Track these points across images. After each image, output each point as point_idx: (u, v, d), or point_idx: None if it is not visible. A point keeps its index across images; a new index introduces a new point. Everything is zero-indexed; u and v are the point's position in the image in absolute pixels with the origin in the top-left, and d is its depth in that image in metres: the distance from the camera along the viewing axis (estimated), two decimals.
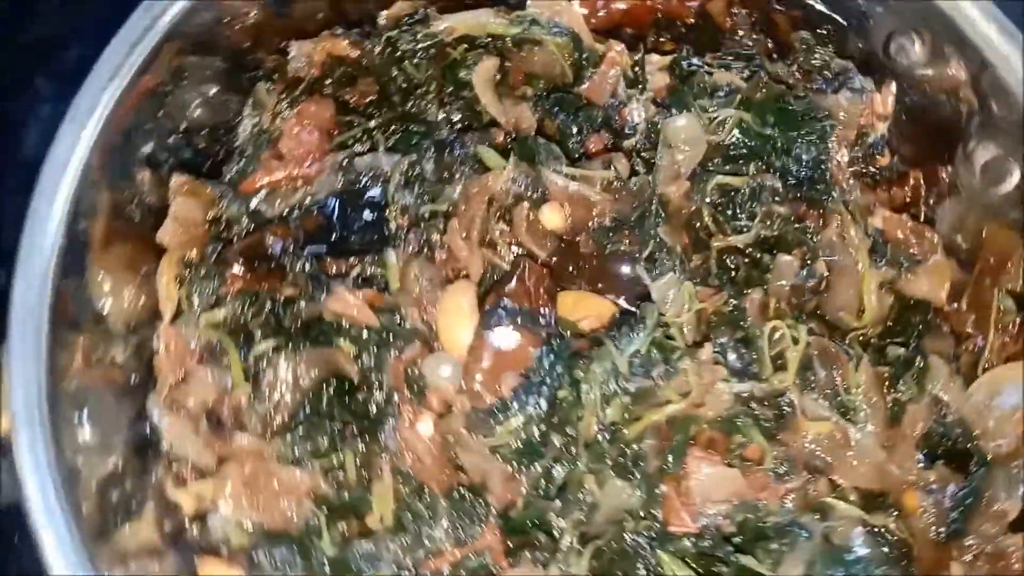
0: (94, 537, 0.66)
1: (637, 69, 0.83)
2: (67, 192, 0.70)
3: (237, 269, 0.73)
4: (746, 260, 0.79)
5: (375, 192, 0.77)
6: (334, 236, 0.76)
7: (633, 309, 0.73)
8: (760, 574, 0.69)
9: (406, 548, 0.70)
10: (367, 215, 0.77)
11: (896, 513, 0.73)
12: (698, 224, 0.80)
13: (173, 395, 0.72)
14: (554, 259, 0.76)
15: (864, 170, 0.84)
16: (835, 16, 0.86)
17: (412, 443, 0.70)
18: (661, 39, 0.90)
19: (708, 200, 0.79)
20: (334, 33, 0.81)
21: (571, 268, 0.76)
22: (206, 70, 0.80)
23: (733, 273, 0.79)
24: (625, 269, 0.76)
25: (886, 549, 0.72)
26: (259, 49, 0.83)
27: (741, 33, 0.88)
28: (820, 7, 0.86)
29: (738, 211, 0.79)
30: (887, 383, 0.77)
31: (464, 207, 0.75)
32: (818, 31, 0.86)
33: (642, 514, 0.70)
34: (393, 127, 0.81)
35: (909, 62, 0.85)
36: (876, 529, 0.72)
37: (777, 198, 0.79)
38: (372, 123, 0.81)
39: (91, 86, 0.71)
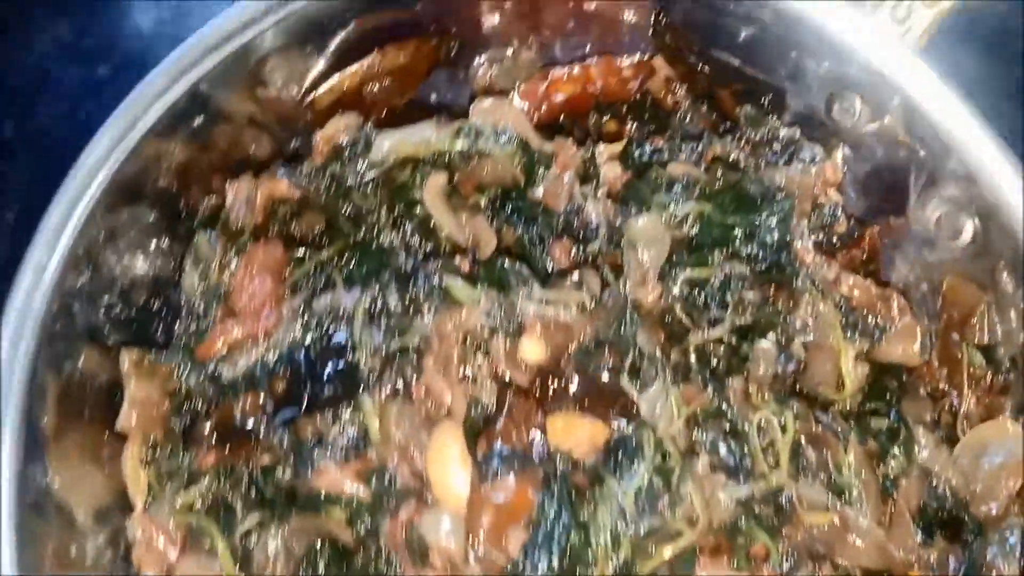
0: None
1: (589, 166, 0.81)
2: (18, 396, 0.65)
3: (208, 449, 0.68)
4: (723, 349, 0.78)
5: (341, 335, 0.74)
6: (305, 394, 0.72)
7: (627, 432, 0.71)
8: None
9: None
10: (336, 363, 0.73)
11: None
12: (671, 319, 0.79)
13: None
14: (538, 381, 0.74)
15: (823, 240, 0.84)
16: (773, 83, 0.85)
17: None
18: (604, 118, 0.88)
19: (677, 293, 0.78)
20: (273, 176, 0.76)
21: (555, 389, 0.74)
22: (139, 225, 0.75)
23: (713, 363, 0.78)
24: (610, 384, 0.74)
25: None
26: (191, 191, 0.78)
27: (684, 109, 0.87)
28: (759, 76, 0.85)
29: (709, 301, 0.78)
30: (876, 459, 0.78)
31: (438, 344, 0.72)
32: (761, 101, 0.85)
33: None
34: (347, 256, 0.77)
35: (853, 121, 0.85)
36: None
37: (746, 284, 0.79)
38: (324, 254, 0.77)
39: (23, 281, 0.66)
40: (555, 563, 0.65)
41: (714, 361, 0.78)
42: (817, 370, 0.80)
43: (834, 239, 0.85)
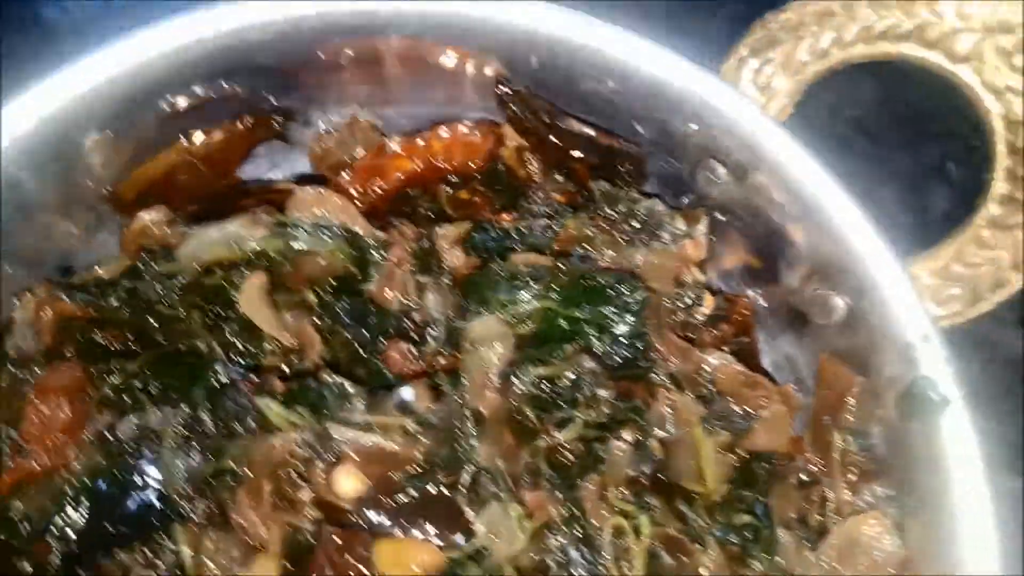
0: None
1: (430, 254, 0.74)
2: None
3: None
4: (576, 448, 0.73)
5: (149, 461, 0.67)
6: (110, 530, 0.66)
7: (463, 558, 0.66)
8: None
9: None
10: (143, 493, 0.67)
11: None
12: (519, 417, 0.73)
13: None
14: (363, 504, 0.68)
15: (687, 322, 0.78)
16: (631, 152, 0.78)
17: None
18: (454, 189, 0.81)
19: (524, 392, 0.72)
20: (56, 294, 0.69)
21: (383, 511, 0.68)
22: None
23: (565, 463, 0.72)
24: (444, 501, 0.68)
25: None
26: None
27: (538, 182, 0.80)
28: (615, 145, 0.78)
29: (558, 399, 0.72)
30: (736, 560, 0.73)
31: (249, 473, 0.66)
32: (618, 170, 0.79)
33: None
34: (159, 368, 0.70)
35: (719, 188, 0.79)
36: None
37: (598, 380, 0.73)
38: (134, 365, 0.71)
39: None
40: None
41: (566, 460, 0.73)
42: (679, 464, 0.75)
43: (699, 317, 0.79)
